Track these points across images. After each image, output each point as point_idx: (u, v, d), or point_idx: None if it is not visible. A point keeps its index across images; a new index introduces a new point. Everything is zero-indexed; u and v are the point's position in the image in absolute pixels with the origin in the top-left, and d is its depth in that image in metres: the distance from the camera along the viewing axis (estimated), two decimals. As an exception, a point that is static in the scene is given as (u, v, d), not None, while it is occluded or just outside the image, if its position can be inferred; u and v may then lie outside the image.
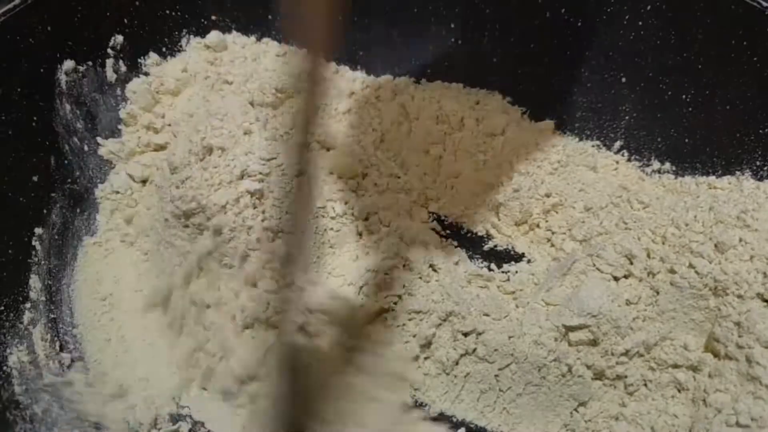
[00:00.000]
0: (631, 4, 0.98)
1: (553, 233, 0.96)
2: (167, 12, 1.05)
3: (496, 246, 0.99)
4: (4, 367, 0.78)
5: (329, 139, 1.01)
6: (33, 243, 0.89)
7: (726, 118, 0.97)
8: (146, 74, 1.05)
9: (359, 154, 1.01)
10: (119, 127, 1.02)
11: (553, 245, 0.95)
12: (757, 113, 0.92)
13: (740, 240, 0.81)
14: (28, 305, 0.85)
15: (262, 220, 0.84)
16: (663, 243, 0.86)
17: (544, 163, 0.99)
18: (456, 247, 0.97)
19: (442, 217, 1.01)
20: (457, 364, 0.84)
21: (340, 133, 1.04)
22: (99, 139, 1.00)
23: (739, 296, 0.78)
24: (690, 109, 1.00)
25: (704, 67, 0.98)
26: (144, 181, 1.00)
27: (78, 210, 0.97)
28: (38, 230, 0.90)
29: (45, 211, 0.92)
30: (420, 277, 0.89)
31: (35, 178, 0.91)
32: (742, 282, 0.78)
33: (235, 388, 0.83)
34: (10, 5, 0.87)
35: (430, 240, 0.95)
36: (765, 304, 0.78)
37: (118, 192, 0.99)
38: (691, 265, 0.81)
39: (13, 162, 0.88)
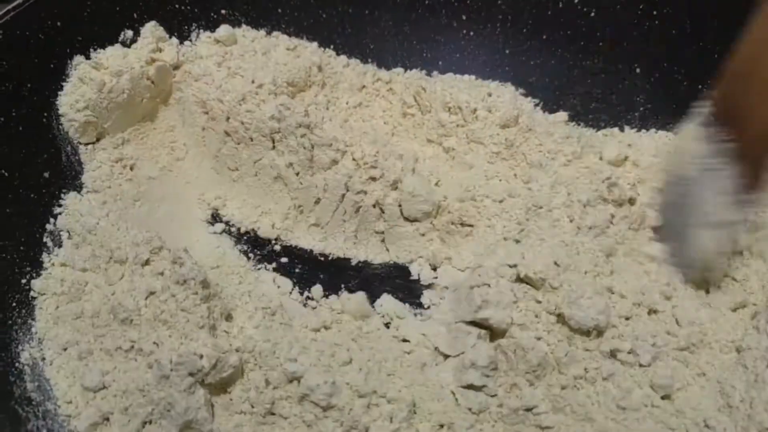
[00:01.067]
0: (645, -8, 0.97)
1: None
2: (177, 6, 1.04)
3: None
4: (17, 364, 0.78)
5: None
6: (44, 239, 0.88)
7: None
8: (156, 69, 1.04)
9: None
10: (129, 122, 1.02)
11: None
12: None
13: None
14: (39, 302, 0.85)
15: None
16: None
17: (558, 155, 0.98)
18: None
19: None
20: None
21: (351, 128, 1.03)
22: (109, 135, 1.00)
23: None
24: (706, 99, 0.98)
25: (720, 56, 0.96)
26: (156, 177, 1.00)
27: (89, 206, 0.96)
28: (49, 226, 0.89)
29: (56, 208, 0.91)
30: None
31: (46, 174, 0.90)
32: None
33: None
34: (20, 0, 0.87)
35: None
36: None
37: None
38: None
39: (24, 158, 0.88)
